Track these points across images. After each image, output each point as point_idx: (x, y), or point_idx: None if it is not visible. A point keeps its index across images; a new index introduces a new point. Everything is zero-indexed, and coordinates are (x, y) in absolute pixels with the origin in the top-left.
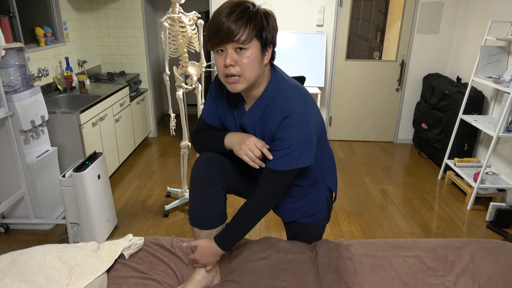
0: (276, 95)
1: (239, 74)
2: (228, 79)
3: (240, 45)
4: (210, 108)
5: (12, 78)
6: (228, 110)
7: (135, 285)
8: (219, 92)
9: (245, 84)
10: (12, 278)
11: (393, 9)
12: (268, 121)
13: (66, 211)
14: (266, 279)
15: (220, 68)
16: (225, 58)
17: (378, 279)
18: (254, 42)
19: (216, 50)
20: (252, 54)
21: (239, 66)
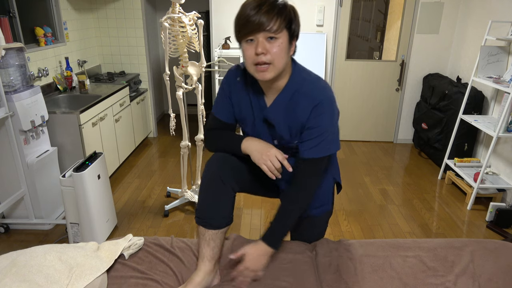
0: (301, 86)
1: (270, 62)
2: (258, 67)
3: (271, 34)
4: (223, 104)
5: (12, 78)
6: (246, 104)
7: (135, 285)
8: (235, 86)
9: (274, 72)
10: (12, 278)
11: (393, 9)
12: (295, 112)
13: (66, 211)
14: (267, 279)
15: (250, 57)
16: (256, 47)
17: (378, 279)
18: (284, 33)
19: (246, 40)
20: (282, 44)
21: (270, 54)
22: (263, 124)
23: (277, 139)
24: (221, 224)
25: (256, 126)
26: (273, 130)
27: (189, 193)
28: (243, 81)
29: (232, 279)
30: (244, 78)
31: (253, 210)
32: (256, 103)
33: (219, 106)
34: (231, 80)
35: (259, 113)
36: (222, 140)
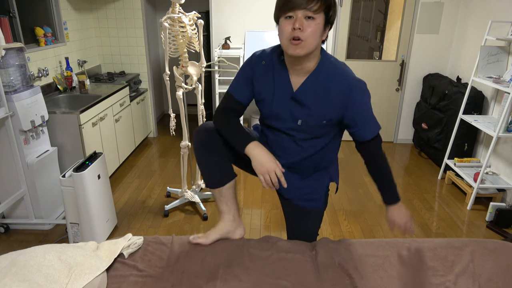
0: (332, 70)
1: (304, 39)
2: (292, 41)
3: (311, 13)
4: (242, 84)
5: (12, 78)
6: (269, 86)
7: (135, 283)
8: (260, 68)
9: (305, 50)
10: (11, 278)
11: (393, 9)
12: (329, 93)
13: (66, 211)
14: (268, 278)
15: (287, 31)
16: (294, 22)
17: (379, 278)
18: (321, 15)
19: (285, 17)
20: (318, 25)
21: (305, 32)
22: (289, 103)
23: (302, 118)
24: (222, 181)
25: (274, 107)
26: (301, 110)
27: (189, 193)
28: (268, 64)
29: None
30: (269, 61)
31: (253, 210)
32: (280, 85)
33: (237, 85)
34: (256, 62)
35: (284, 94)
36: (230, 129)
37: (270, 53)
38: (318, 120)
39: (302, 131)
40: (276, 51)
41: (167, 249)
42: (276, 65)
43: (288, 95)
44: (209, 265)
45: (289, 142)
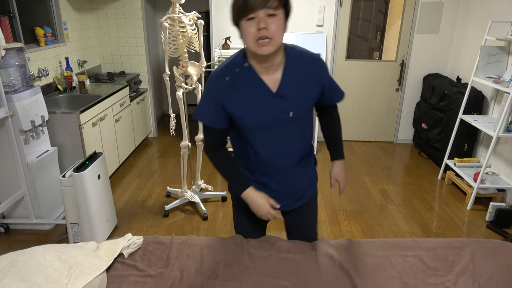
0: (301, 56)
1: (270, 37)
2: (259, 42)
3: (271, 11)
4: (213, 112)
5: (12, 78)
6: (245, 97)
7: (135, 283)
8: (226, 86)
9: (274, 47)
10: (11, 278)
11: (393, 9)
12: (309, 77)
13: (66, 211)
14: (268, 278)
15: (252, 33)
16: (258, 23)
17: (379, 278)
18: (281, 10)
19: (246, 19)
20: (280, 20)
21: (270, 30)
22: (272, 103)
23: (292, 109)
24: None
25: (258, 115)
26: (288, 102)
27: (189, 193)
28: (233, 78)
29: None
30: (233, 74)
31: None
32: (254, 91)
33: (209, 114)
34: (219, 83)
35: (263, 97)
36: (226, 169)
37: (230, 66)
38: (307, 103)
39: (295, 121)
40: (237, 60)
41: (167, 249)
42: (244, 73)
43: (268, 96)
44: (209, 264)
45: (283, 141)
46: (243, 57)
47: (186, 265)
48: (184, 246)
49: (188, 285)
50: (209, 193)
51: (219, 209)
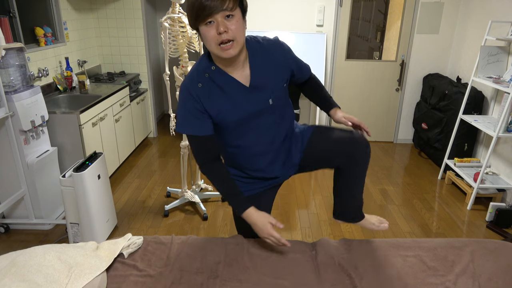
0: (261, 45)
1: (232, 39)
2: (222, 46)
3: (228, 12)
4: (197, 120)
5: (12, 78)
6: (221, 98)
7: (135, 283)
8: (202, 92)
9: (238, 47)
10: (11, 278)
11: (393, 9)
12: (276, 63)
13: (66, 211)
14: (268, 277)
15: (213, 38)
16: (217, 27)
17: (378, 278)
18: (238, 9)
19: (205, 23)
20: (239, 19)
21: (231, 31)
22: (250, 97)
23: (270, 97)
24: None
25: (240, 111)
26: (263, 92)
27: (189, 193)
28: (205, 83)
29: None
30: (204, 79)
31: None
32: (230, 90)
33: (194, 124)
34: (193, 90)
35: (240, 94)
36: (226, 190)
37: (198, 73)
38: (280, 86)
39: (275, 106)
40: (203, 66)
41: (167, 249)
42: (214, 76)
43: (243, 91)
44: (209, 264)
45: (268, 128)
46: (208, 61)
47: (186, 265)
48: (184, 246)
49: (188, 284)
50: (209, 193)
51: (219, 209)
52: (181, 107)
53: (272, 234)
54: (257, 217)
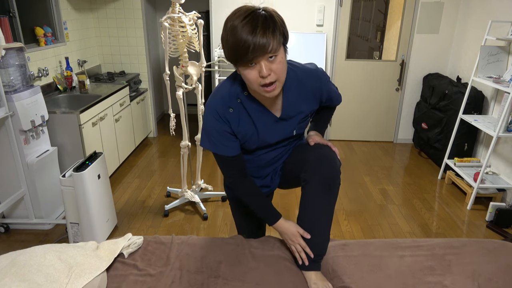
0: (297, 75)
1: (276, 80)
2: (265, 88)
3: (272, 54)
4: (226, 141)
5: (12, 78)
6: (248, 124)
7: (135, 282)
8: (231, 115)
9: (281, 86)
10: (11, 278)
11: (393, 9)
12: (309, 95)
13: (66, 211)
14: (271, 277)
15: (255, 80)
16: (260, 70)
17: (376, 278)
18: (281, 48)
19: (247, 65)
20: (282, 58)
21: (274, 72)
22: (277, 127)
23: (296, 128)
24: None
25: (263, 139)
26: (290, 123)
27: (189, 193)
28: (236, 109)
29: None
30: (236, 105)
31: None
32: (259, 118)
33: (224, 144)
34: (224, 114)
35: (267, 123)
36: (258, 205)
37: (230, 97)
38: (307, 117)
39: (297, 136)
40: (235, 90)
41: (167, 249)
42: (245, 103)
43: (272, 121)
44: (210, 263)
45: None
46: (241, 86)
47: (187, 264)
48: (185, 246)
49: (189, 284)
50: (209, 193)
51: (219, 209)
52: (210, 126)
53: (300, 243)
54: (287, 226)
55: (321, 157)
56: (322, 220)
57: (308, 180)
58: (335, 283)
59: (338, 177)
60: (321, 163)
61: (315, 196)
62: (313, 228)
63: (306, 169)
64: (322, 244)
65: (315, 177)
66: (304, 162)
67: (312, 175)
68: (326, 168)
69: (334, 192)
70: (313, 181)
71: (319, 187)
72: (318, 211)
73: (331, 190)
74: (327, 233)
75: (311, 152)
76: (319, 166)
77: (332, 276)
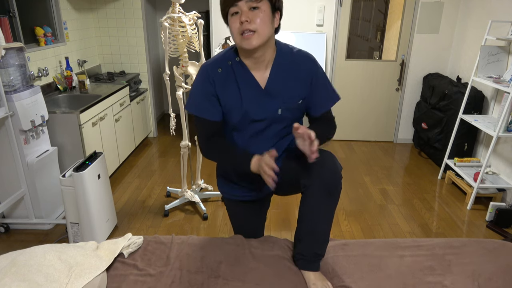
0: (293, 53)
1: (254, 30)
2: (243, 35)
3: (253, 3)
4: (207, 103)
5: (12, 78)
6: (233, 92)
7: (134, 282)
8: (219, 77)
9: (260, 40)
10: (11, 278)
11: (393, 9)
12: (299, 74)
13: (66, 211)
14: (271, 277)
15: (236, 28)
16: (240, 17)
17: (376, 278)
18: (265, 2)
19: (231, 14)
20: (265, 12)
21: (254, 23)
22: (261, 100)
23: (280, 107)
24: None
25: (247, 111)
26: (275, 100)
27: (189, 193)
28: (225, 70)
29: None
30: (226, 66)
31: None
32: (245, 86)
33: (203, 106)
34: (212, 73)
35: (253, 93)
36: (226, 155)
37: (223, 59)
38: (295, 101)
39: (283, 119)
40: (229, 54)
41: (167, 249)
42: (235, 67)
43: (258, 92)
44: (211, 263)
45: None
46: (235, 52)
47: (187, 264)
48: (185, 246)
49: (189, 284)
50: (209, 192)
51: (219, 209)
52: (195, 86)
53: (272, 166)
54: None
55: (321, 162)
56: (322, 222)
57: (308, 186)
58: (335, 283)
59: (339, 182)
60: (322, 168)
61: (316, 201)
62: (312, 228)
63: (306, 175)
64: (322, 245)
65: (315, 183)
66: (304, 167)
67: (312, 181)
68: (327, 173)
69: (335, 197)
70: (313, 187)
71: (320, 193)
72: (318, 214)
73: (332, 196)
74: (326, 235)
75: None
76: (320, 172)
77: (332, 275)
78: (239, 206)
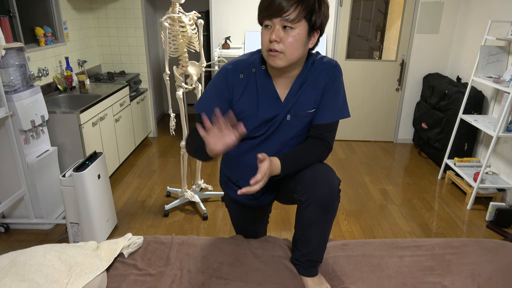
0: (316, 64)
1: (282, 51)
2: (270, 53)
3: (288, 23)
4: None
5: (12, 78)
6: (252, 97)
7: (134, 282)
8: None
9: (285, 62)
10: (11, 278)
11: (393, 9)
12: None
13: (66, 211)
14: (272, 278)
15: (265, 42)
16: (271, 33)
17: (376, 278)
18: (302, 23)
19: (265, 25)
20: (298, 35)
21: (283, 44)
22: (276, 108)
23: (290, 113)
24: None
25: (260, 119)
26: (288, 108)
27: (189, 193)
28: (247, 77)
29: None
30: (249, 73)
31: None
32: (264, 96)
33: (210, 104)
34: (232, 76)
35: (270, 104)
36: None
37: (247, 64)
38: (306, 108)
39: (291, 126)
40: (255, 59)
41: (167, 249)
42: (258, 75)
43: (275, 103)
44: (211, 263)
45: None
46: (261, 59)
47: (187, 264)
48: (185, 246)
49: (189, 284)
50: (209, 192)
51: (219, 209)
52: (212, 87)
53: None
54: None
55: (316, 175)
56: (318, 235)
57: (302, 201)
58: (335, 283)
59: (335, 198)
60: (317, 183)
61: (310, 216)
62: (308, 240)
63: (299, 190)
64: (318, 253)
65: (310, 199)
66: (298, 181)
67: (307, 197)
68: (322, 188)
69: (331, 212)
70: (307, 203)
71: (315, 208)
72: (313, 228)
73: (327, 211)
74: (324, 242)
75: (306, 170)
76: (314, 187)
77: (332, 276)
78: (241, 209)
